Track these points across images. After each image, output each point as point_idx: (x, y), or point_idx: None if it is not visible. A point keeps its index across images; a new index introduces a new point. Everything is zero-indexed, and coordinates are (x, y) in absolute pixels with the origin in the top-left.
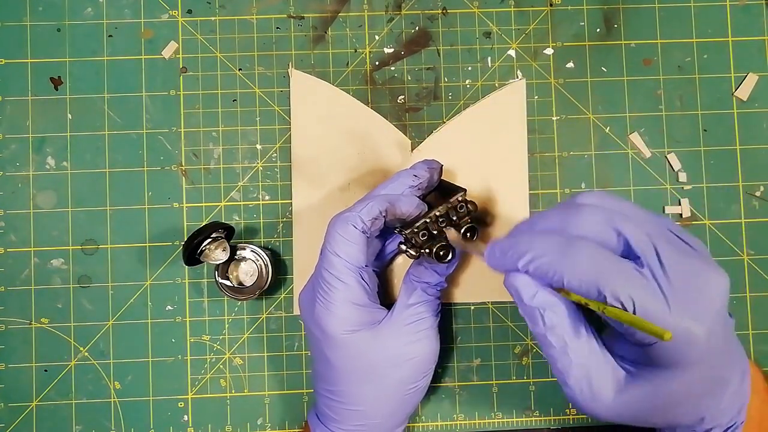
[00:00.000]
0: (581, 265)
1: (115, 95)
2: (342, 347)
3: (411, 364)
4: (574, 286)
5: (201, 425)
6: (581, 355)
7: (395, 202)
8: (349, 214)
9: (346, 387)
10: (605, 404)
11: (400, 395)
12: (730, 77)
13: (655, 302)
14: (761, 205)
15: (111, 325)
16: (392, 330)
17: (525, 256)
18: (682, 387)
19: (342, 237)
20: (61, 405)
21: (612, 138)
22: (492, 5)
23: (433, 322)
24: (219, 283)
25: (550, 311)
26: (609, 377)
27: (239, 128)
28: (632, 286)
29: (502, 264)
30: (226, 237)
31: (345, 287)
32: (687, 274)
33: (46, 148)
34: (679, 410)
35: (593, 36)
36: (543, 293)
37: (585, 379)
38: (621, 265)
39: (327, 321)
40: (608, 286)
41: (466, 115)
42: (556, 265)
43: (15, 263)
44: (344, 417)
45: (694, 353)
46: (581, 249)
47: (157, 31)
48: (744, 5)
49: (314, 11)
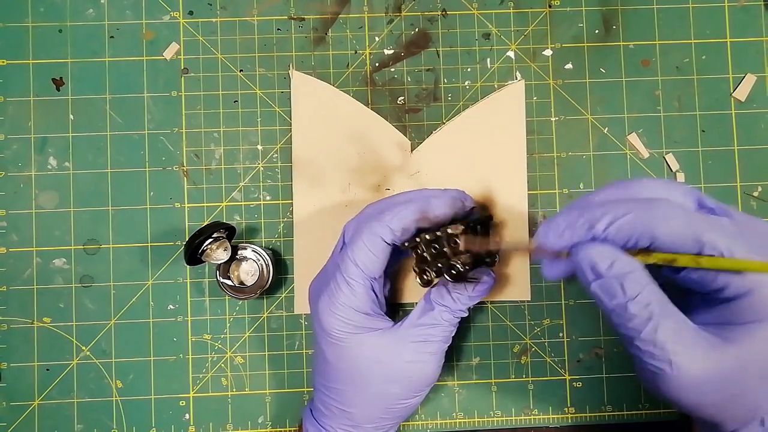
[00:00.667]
0: (673, 219)
1: (116, 96)
2: (339, 347)
3: (405, 382)
4: (666, 242)
5: (202, 424)
6: (668, 322)
7: (427, 204)
8: (377, 225)
9: (340, 386)
10: (695, 379)
11: (388, 406)
12: (728, 78)
13: (745, 248)
14: (759, 206)
15: (113, 324)
16: (394, 343)
17: (603, 219)
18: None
19: (366, 247)
20: (62, 404)
21: (610, 139)
22: (491, 7)
23: (440, 348)
24: (220, 282)
25: (630, 279)
26: (697, 346)
27: (240, 129)
28: (725, 235)
29: (567, 238)
30: (228, 237)
31: (353, 294)
32: (757, 225)
33: (48, 148)
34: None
35: (592, 37)
36: (622, 260)
37: (673, 349)
38: (708, 216)
39: (327, 320)
40: (706, 235)
41: (465, 116)
42: (644, 222)
43: (17, 263)
44: (335, 415)
45: None
46: (667, 203)
47: (158, 33)
48: (742, 6)
49: (315, 13)
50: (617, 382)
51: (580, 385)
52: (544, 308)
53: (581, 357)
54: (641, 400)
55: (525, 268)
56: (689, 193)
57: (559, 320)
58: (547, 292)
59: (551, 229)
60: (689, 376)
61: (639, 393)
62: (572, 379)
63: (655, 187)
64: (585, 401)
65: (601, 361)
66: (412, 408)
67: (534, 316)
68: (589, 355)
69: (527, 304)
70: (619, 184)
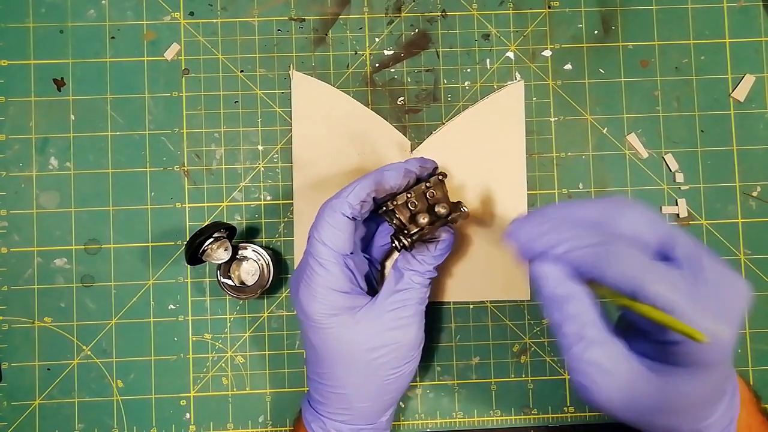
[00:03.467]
0: (624, 263)
1: (117, 96)
2: (322, 331)
3: (391, 350)
4: (611, 281)
5: (203, 423)
6: (596, 345)
7: (381, 178)
8: (336, 201)
9: (329, 370)
10: (615, 397)
11: (381, 380)
12: (727, 78)
13: (689, 304)
14: (758, 206)
15: (113, 324)
16: (373, 315)
17: (566, 243)
18: (696, 388)
19: (329, 224)
20: (63, 403)
21: (609, 139)
22: (491, 8)
23: (417, 309)
24: (221, 282)
25: (570, 303)
26: (622, 370)
27: (241, 129)
28: (670, 289)
29: (530, 247)
30: (228, 237)
31: (328, 274)
32: (720, 277)
33: (49, 148)
34: (684, 414)
35: (591, 38)
36: (565, 285)
37: (597, 370)
38: (661, 267)
39: (308, 305)
40: (647, 287)
41: (465, 117)
42: (598, 259)
43: (18, 263)
44: (330, 400)
45: (716, 356)
46: (625, 247)
47: (159, 33)
48: (741, 7)
49: (315, 13)
50: None
51: None
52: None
53: None
54: None
55: (524, 268)
56: (666, 233)
57: None
58: None
59: (521, 229)
60: (609, 395)
61: None
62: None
63: (636, 219)
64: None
65: None
66: (405, 379)
67: (533, 315)
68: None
69: (526, 304)
70: (603, 205)
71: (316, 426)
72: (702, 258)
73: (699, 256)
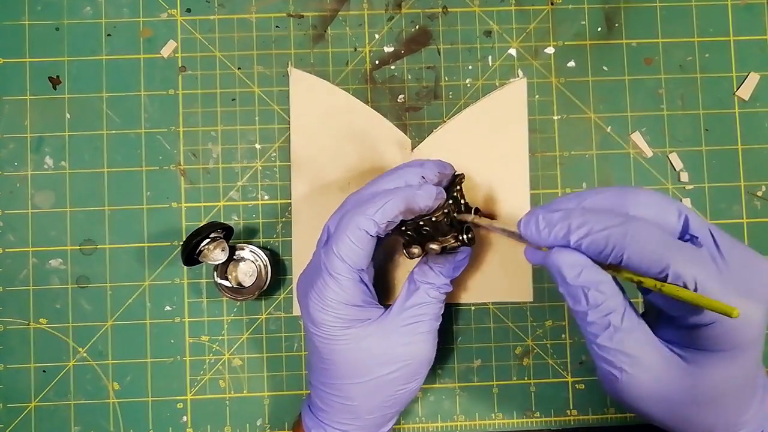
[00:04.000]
0: (646, 241)
1: (113, 95)
2: (332, 342)
3: (403, 366)
4: (634, 262)
5: (200, 426)
6: (624, 332)
7: (412, 199)
8: (362, 219)
9: (337, 381)
10: (646, 388)
11: (389, 394)
12: (732, 77)
13: (716, 282)
14: (763, 205)
15: (110, 325)
16: (386, 330)
17: (580, 229)
18: (730, 374)
19: (351, 241)
20: (59, 406)
21: (613, 137)
22: (492, 4)
23: (432, 325)
24: (218, 283)
25: (595, 290)
26: (653, 358)
27: (238, 128)
28: (695, 265)
29: (544, 237)
30: (225, 237)
31: (341, 289)
32: (741, 257)
33: (45, 147)
34: (719, 407)
35: (594, 35)
36: (590, 271)
37: (627, 359)
38: (683, 244)
39: (320, 317)
40: (673, 263)
41: (466, 114)
42: (616, 240)
43: (13, 263)
44: (334, 409)
45: (748, 335)
46: (644, 225)
47: (155, 30)
48: (745, 4)
49: (314, 10)
50: None
51: (582, 387)
52: (546, 310)
53: (583, 359)
54: None
55: (527, 269)
56: (681, 214)
57: (561, 322)
58: (549, 293)
59: (532, 223)
60: (639, 386)
61: None
62: (574, 381)
63: (649, 202)
64: (587, 403)
65: None
66: (413, 393)
67: (536, 317)
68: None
69: (529, 306)
70: (616, 191)
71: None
72: (722, 237)
73: (718, 236)
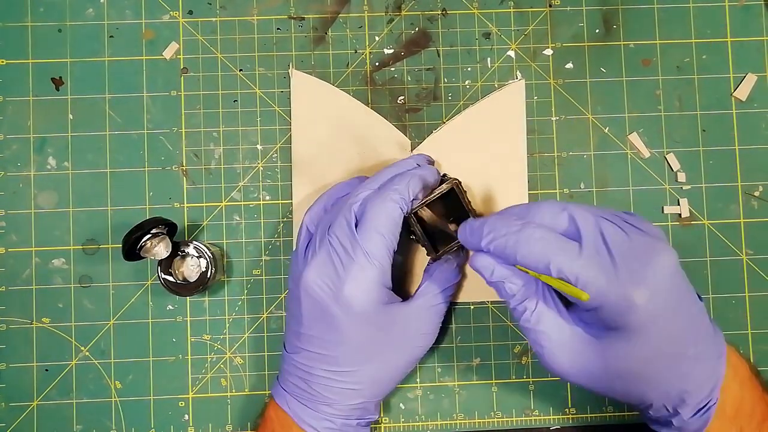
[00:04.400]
0: (531, 243)
1: (116, 96)
2: (366, 325)
3: (413, 351)
4: (525, 259)
5: (202, 425)
6: (538, 314)
7: (424, 176)
8: (394, 195)
9: (356, 367)
10: (564, 360)
11: (397, 377)
12: (729, 77)
13: (593, 274)
14: (760, 205)
15: (112, 324)
16: (412, 315)
17: (488, 235)
18: (631, 352)
19: (391, 218)
20: (62, 404)
21: (611, 138)
22: (491, 6)
23: (441, 319)
24: (161, 278)
25: (509, 282)
26: (565, 334)
27: (240, 129)
28: (572, 261)
29: (470, 242)
30: (168, 233)
31: (381, 269)
32: (631, 250)
33: (48, 148)
34: (635, 380)
35: (592, 37)
36: (500, 268)
37: (543, 336)
38: (566, 243)
39: (360, 301)
40: (553, 260)
41: (465, 116)
42: (511, 243)
43: (16, 263)
44: (343, 397)
45: (632, 319)
46: (533, 229)
47: (158, 32)
48: (743, 6)
49: (314, 12)
50: None
51: None
52: None
53: None
54: None
55: None
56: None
57: None
58: None
59: (462, 232)
60: (559, 360)
61: None
62: None
63: (545, 210)
64: (586, 402)
65: None
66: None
67: None
68: None
69: None
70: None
71: (322, 427)
72: (613, 233)
73: (608, 232)
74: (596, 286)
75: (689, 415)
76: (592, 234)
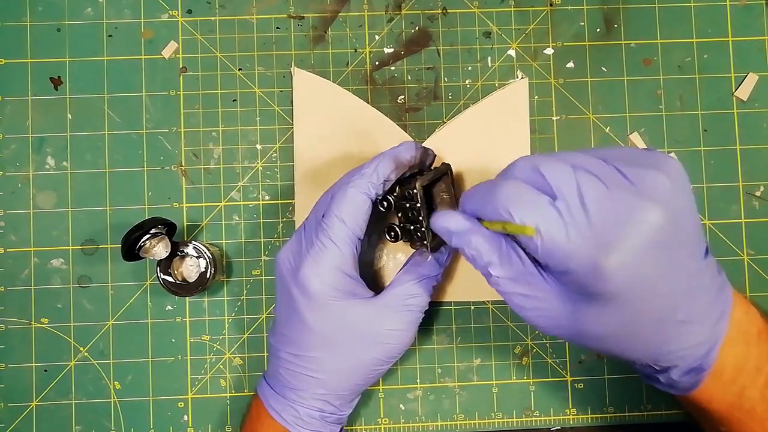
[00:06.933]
0: (497, 197)
1: (115, 95)
2: (324, 312)
3: (384, 348)
4: (494, 211)
5: (201, 425)
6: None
7: (397, 154)
8: (360, 181)
9: (312, 352)
10: (552, 321)
11: (365, 373)
12: (730, 77)
13: (561, 232)
14: (761, 205)
15: (111, 325)
16: (377, 312)
17: (467, 199)
18: (604, 319)
19: (352, 204)
20: (61, 405)
21: (612, 138)
22: (492, 5)
23: (418, 316)
24: (160, 278)
25: (473, 238)
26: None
27: (239, 128)
28: (539, 215)
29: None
30: (168, 233)
31: (341, 255)
32: (609, 208)
33: (46, 148)
34: (613, 343)
35: (593, 36)
36: (459, 236)
37: (522, 298)
38: (535, 198)
39: (315, 284)
40: (517, 212)
41: (468, 115)
42: (482, 199)
43: (15, 263)
44: (308, 385)
45: (604, 286)
46: (501, 184)
47: (156, 31)
48: (744, 5)
49: (314, 11)
50: (619, 383)
51: (581, 386)
52: None
53: (583, 358)
54: (643, 401)
55: None
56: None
57: None
58: None
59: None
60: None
61: (641, 394)
62: (574, 381)
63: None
64: (587, 403)
65: (603, 363)
66: (380, 375)
67: None
68: (591, 356)
69: None
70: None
71: (286, 414)
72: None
73: (587, 189)
74: (563, 247)
75: (679, 375)
76: (565, 188)
